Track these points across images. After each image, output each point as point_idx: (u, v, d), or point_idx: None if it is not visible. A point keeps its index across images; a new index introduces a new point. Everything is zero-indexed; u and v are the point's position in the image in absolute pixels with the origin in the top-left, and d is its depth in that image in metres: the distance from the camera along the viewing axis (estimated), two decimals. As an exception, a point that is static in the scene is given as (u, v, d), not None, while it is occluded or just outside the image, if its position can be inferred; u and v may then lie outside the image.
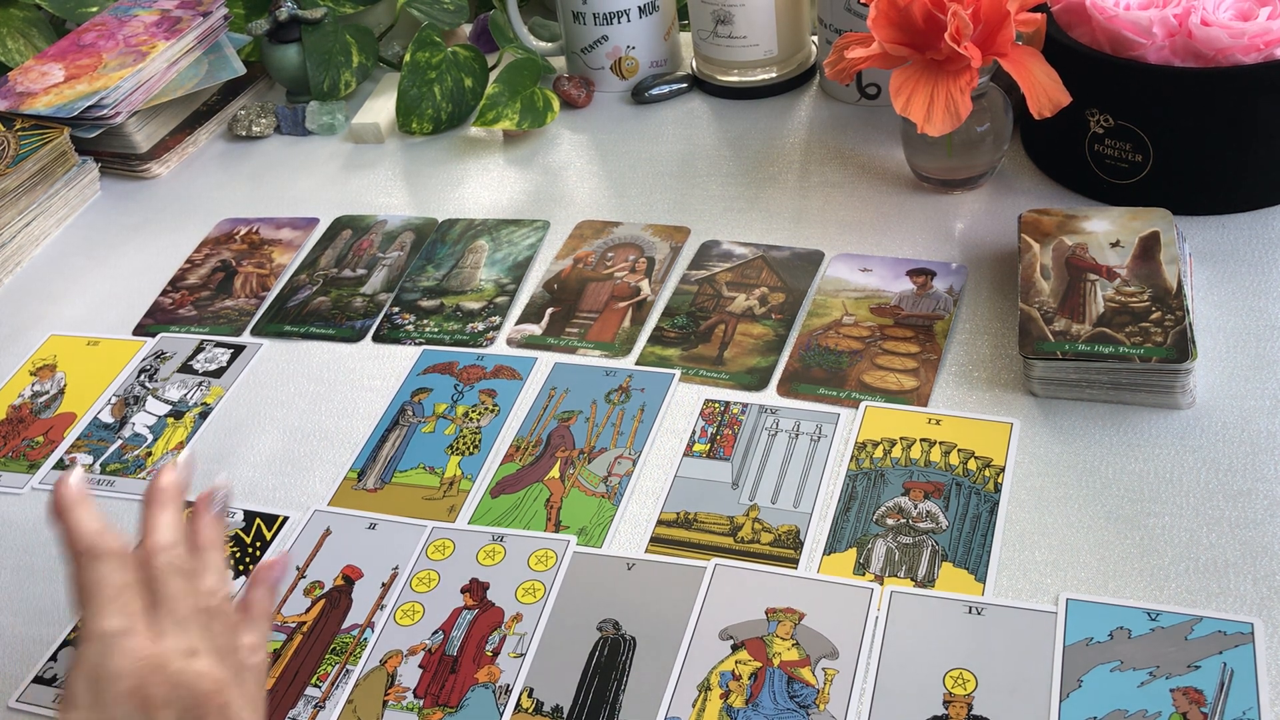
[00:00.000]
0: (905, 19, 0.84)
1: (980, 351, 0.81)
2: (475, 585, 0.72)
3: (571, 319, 0.91)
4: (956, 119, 0.83)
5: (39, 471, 0.86)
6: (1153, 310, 0.75)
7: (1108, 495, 0.71)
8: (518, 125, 1.10)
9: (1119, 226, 0.82)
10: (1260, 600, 0.63)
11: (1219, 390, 0.75)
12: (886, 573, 0.68)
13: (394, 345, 0.92)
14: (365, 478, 0.81)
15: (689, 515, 0.74)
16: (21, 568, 0.79)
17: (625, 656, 0.66)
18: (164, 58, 1.18)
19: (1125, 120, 0.86)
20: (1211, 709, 0.59)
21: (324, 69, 1.20)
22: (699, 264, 0.94)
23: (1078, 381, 0.76)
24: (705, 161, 1.06)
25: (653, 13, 1.14)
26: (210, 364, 0.93)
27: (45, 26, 1.32)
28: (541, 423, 0.82)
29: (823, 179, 1.01)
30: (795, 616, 0.67)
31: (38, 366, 0.96)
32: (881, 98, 1.07)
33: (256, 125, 1.21)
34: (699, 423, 0.80)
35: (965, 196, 0.95)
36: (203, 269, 1.04)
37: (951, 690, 0.62)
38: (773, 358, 0.84)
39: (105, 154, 1.18)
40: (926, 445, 0.75)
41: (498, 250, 0.99)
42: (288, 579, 0.74)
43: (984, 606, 0.66)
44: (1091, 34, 0.86)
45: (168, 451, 0.86)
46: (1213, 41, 0.81)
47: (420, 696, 0.67)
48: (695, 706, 0.64)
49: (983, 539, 0.69)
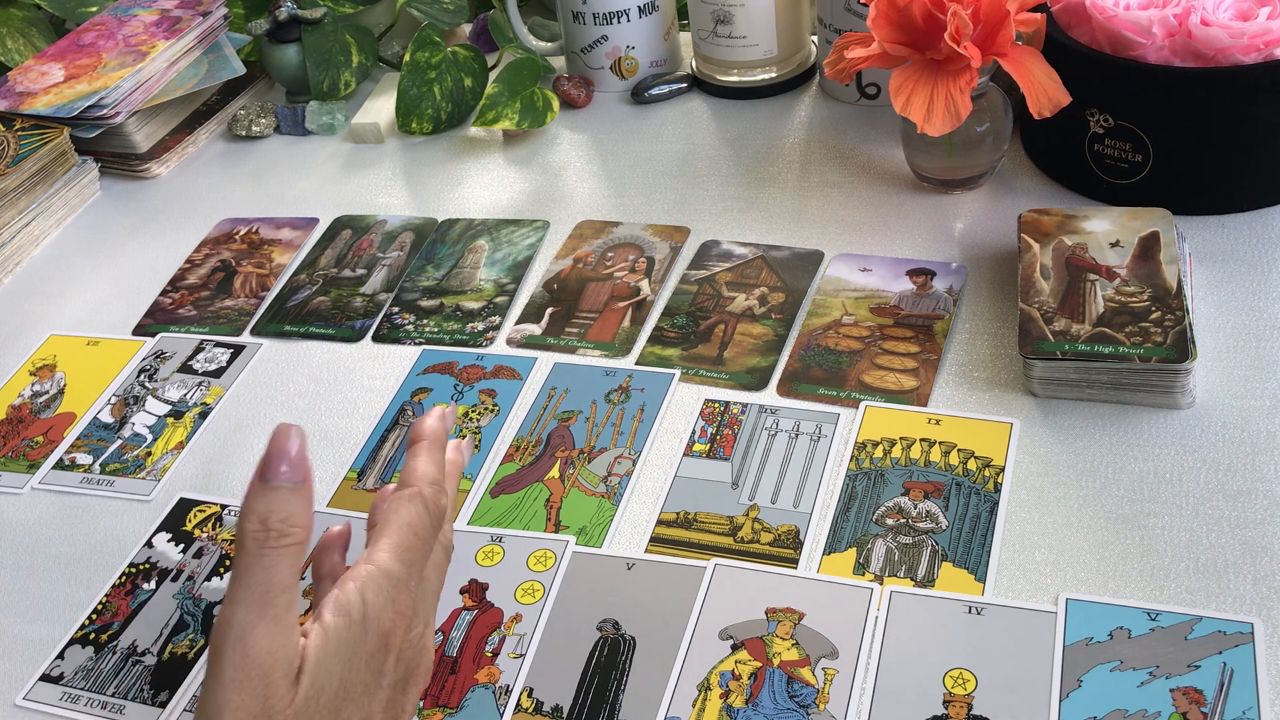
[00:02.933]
0: (905, 19, 0.84)
1: (980, 351, 0.81)
2: (474, 586, 0.72)
3: (571, 319, 0.91)
4: (956, 119, 0.83)
5: (39, 471, 0.86)
6: (1153, 310, 0.75)
7: (1108, 495, 0.71)
8: (517, 125, 1.10)
9: (1119, 226, 0.82)
10: (1260, 600, 0.63)
11: (1219, 390, 0.75)
12: (886, 573, 0.68)
13: (394, 345, 0.92)
14: (365, 478, 0.81)
15: (689, 515, 0.74)
16: (21, 568, 0.79)
17: (625, 656, 0.66)
18: (164, 58, 1.18)
19: (1125, 120, 0.86)
20: (1211, 709, 0.59)
21: (324, 69, 1.20)
22: (699, 264, 0.94)
23: (1078, 381, 0.76)
24: (705, 161, 1.06)
25: (652, 13, 1.14)
26: (210, 364, 0.93)
27: (45, 26, 1.32)
28: (541, 423, 0.82)
29: (823, 179, 1.01)
30: (795, 616, 0.67)
31: (37, 366, 0.96)
32: (881, 98, 1.07)
33: (256, 125, 1.21)
34: (699, 423, 0.80)
35: (965, 196, 0.95)
36: (202, 269, 1.04)
37: (951, 690, 0.62)
38: (773, 358, 0.84)
39: (105, 154, 1.18)
40: (926, 445, 0.75)
41: (497, 250, 0.99)
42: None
43: (984, 606, 0.66)
44: (1091, 34, 0.86)
45: (167, 451, 0.86)
46: (1212, 41, 0.81)
47: (420, 697, 0.67)
48: (695, 706, 0.64)
49: (983, 539, 0.69)
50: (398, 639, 0.56)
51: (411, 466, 0.62)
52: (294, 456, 0.55)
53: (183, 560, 0.77)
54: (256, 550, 0.53)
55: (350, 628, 0.54)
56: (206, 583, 0.75)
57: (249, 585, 0.52)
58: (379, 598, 0.56)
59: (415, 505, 0.60)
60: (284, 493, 0.54)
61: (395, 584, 0.57)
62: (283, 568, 0.53)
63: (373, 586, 0.56)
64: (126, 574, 0.77)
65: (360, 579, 0.56)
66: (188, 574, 0.76)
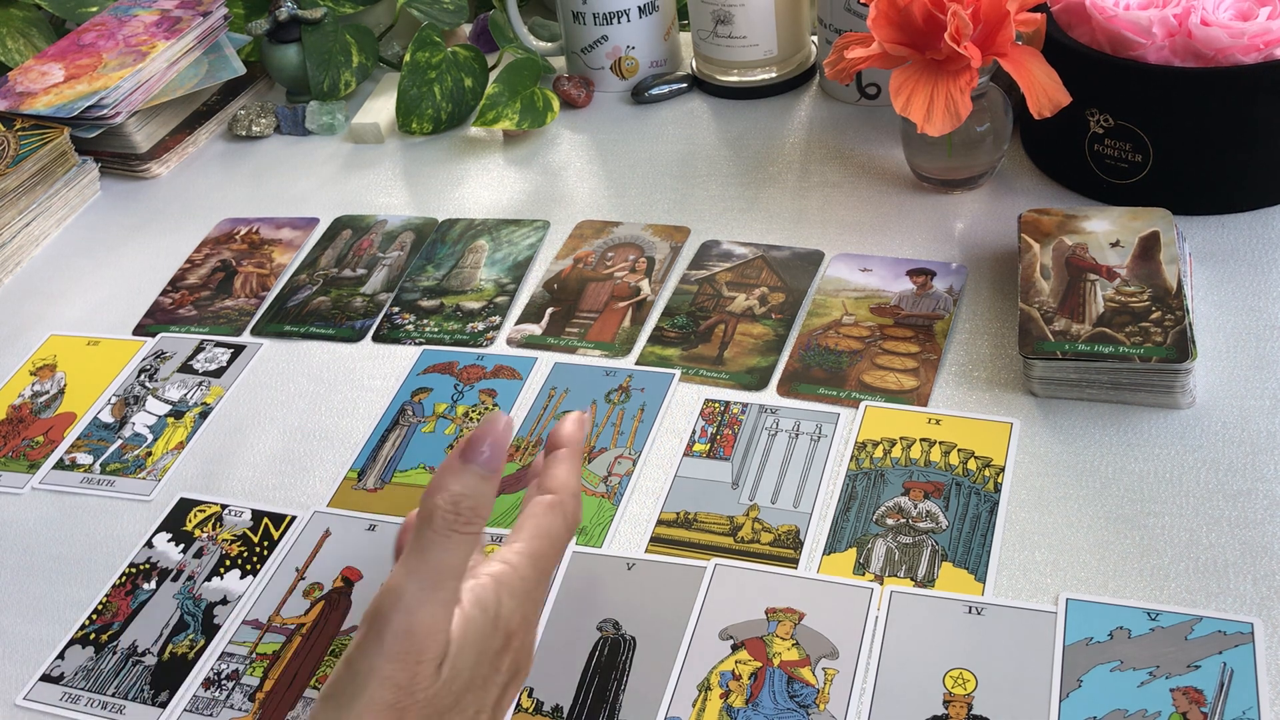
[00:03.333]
0: (905, 19, 0.84)
1: (980, 351, 0.81)
2: (475, 585, 0.72)
3: (571, 319, 0.91)
4: (956, 119, 0.83)
5: (39, 471, 0.86)
6: (1153, 310, 0.75)
7: (1108, 495, 0.71)
8: (518, 125, 1.10)
9: (1119, 226, 0.82)
10: (1260, 600, 0.63)
11: (1219, 390, 0.75)
12: (886, 572, 0.68)
13: (394, 345, 0.92)
14: (365, 478, 0.81)
15: (689, 515, 0.74)
16: (21, 568, 0.79)
17: (625, 656, 0.66)
18: (164, 58, 1.18)
19: (1125, 120, 0.86)
20: (1211, 709, 0.59)
21: (324, 69, 1.20)
22: (699, 264, 0.94)
23: (1078, 381, 0.76)
24: (705, 161, 1.06)
25: (652, 13, 1.14)
26: (210, 364, 0.93)
27: (45, 26, 1.32)
28: (541, 423, 0.82)
29: (823, 179, 1.01)
30: (795, 616, 0.67)
31: (38, 366, 0.96)
32: (881, 98, 1.07)
33: (256, 125, 1.21)
34: (699, 422, 0.80)
35: (965, 196, 0.95)
36: (203, 269, 1.04)
37: (951, 690, 0.62)
38: (773, 358, 0.84)
39: (105, 154, 1.18)
40: (926, 445, 0.75)
41: (498, 250, 0.99)
42: (286, 579, 0.74)
43: (984, 606, 0.66)
44: (1091, 34, 0.86)
45: (167, 451, 0.86)
46: (1212, 41, 0.81)
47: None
48: (695, 706, 0.64)
49: (983, 539, 0.69)
50: (516, 640, 0.57)
51: (553, 473, 0.61)
52: (498, 443, 0.55)
53: (183, 560, 0.77)
54: (444, 529, 0.53)
55: (485, 623, 0.54)
56: (206, 583, 0.75)
57: (427, 561, 0.52)
58: (512, 599, 0.56)
59: (555, 515, 0.59)
60: (480, 478, 0.54)
61: (528, 589, 0.57)
62: (461, 553, 0.53)
63: (508, 588, 0.56)
64: (127, 574, 0.77)
65: (498, 577, 0.56)
66: (188, 574, 0.76)
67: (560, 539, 0.59)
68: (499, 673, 0.56)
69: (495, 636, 0.55)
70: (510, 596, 0.56)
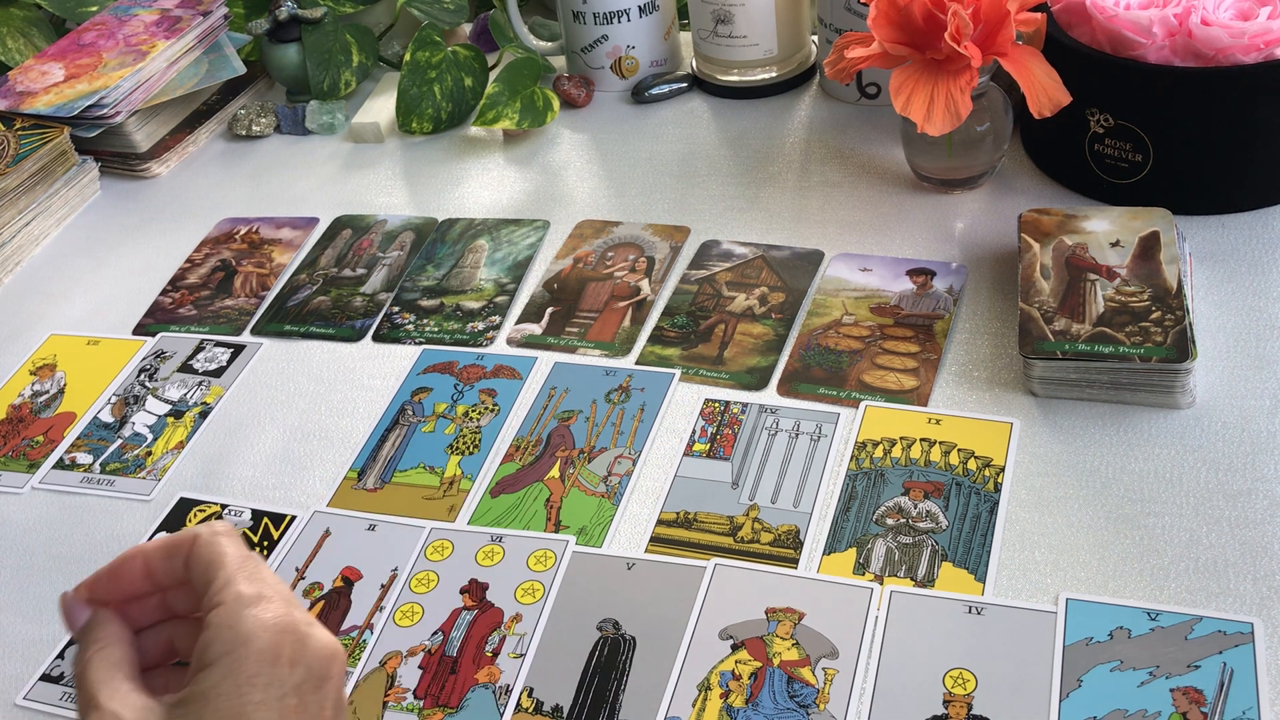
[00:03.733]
0: (905, 19, 0.84)
1: (980, 351, 0.81)
2: (474, 586, 0.72)
3: (571, 318, 0.91)
4: (956, 119, 0.83)
5: (39, 471, 0.86)
6: (1153, 310, 0.75)
7: (1108, 495, 0.71)
8: (518, 125, 1.10)
9: (1119, 226, 0.82)
10: (1260, 600, 0.63)
11: (1219, 390, 0.75)
12: (886, 572, 0.68)
13: (394, 345, 0.92)
14: (365, 477, 0.81)
15: (689, 515, 0.74)
16: (21, 568, 0.79)
17: (625, 656, 0.66)
18: (164, 57, 1.18)
19: (1125, 120, 0.86)
20: (1211, 709, 0.59)
21: (324, 68, 1.20)
22: (699, 264, 0.94)
23: (1078, 381, 0.76)
24: (705, 161, 1.06)
25: (653, 12, 1.14)
26: (210, 363, 0.93)
27: (45, 26, 1.32)
28: (541, 422, 0.82)
29: (823, 179, 1.01)
30: (795, 616, 0.67)
31: (38, 366, 0.96)
32: (881, 97, 1.07)
33: (256, 125, 1.21)
34: (699, 422, 0.80)
35: (965, 196, 0.95)
36: (203, 268, 1.04)
37: (951, 690, 0.62)
38: (773, 357, 0.84)
39: (105, 153, 1.18)
40: (926, 445, 0.75)
41: (498, 250, 0.99)
42: (286, 579, 0.74)
43: (984, 606, 0.66)
44: (1091, 34, 0.86)
45: (167, 451, 0.86)
46: (1213, 41, 0.81)
47: (420, 697, 0.67)
48: (695, 706, 0.64)
49: (983, 539, 0.69)
50: (288, 646, 0.55)
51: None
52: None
53: (183, 560, 0.77)
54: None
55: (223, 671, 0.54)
56: (206, 582, 0.75)
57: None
58: (241, 631, 0.54)
59: (228, 539, 0.57)
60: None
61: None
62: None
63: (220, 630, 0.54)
64: (126, 574, 0.77)
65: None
66: (188, 574, 0.76)
67: (217, 555, 0.56)
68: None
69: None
70: (211, 631, 0.54)
